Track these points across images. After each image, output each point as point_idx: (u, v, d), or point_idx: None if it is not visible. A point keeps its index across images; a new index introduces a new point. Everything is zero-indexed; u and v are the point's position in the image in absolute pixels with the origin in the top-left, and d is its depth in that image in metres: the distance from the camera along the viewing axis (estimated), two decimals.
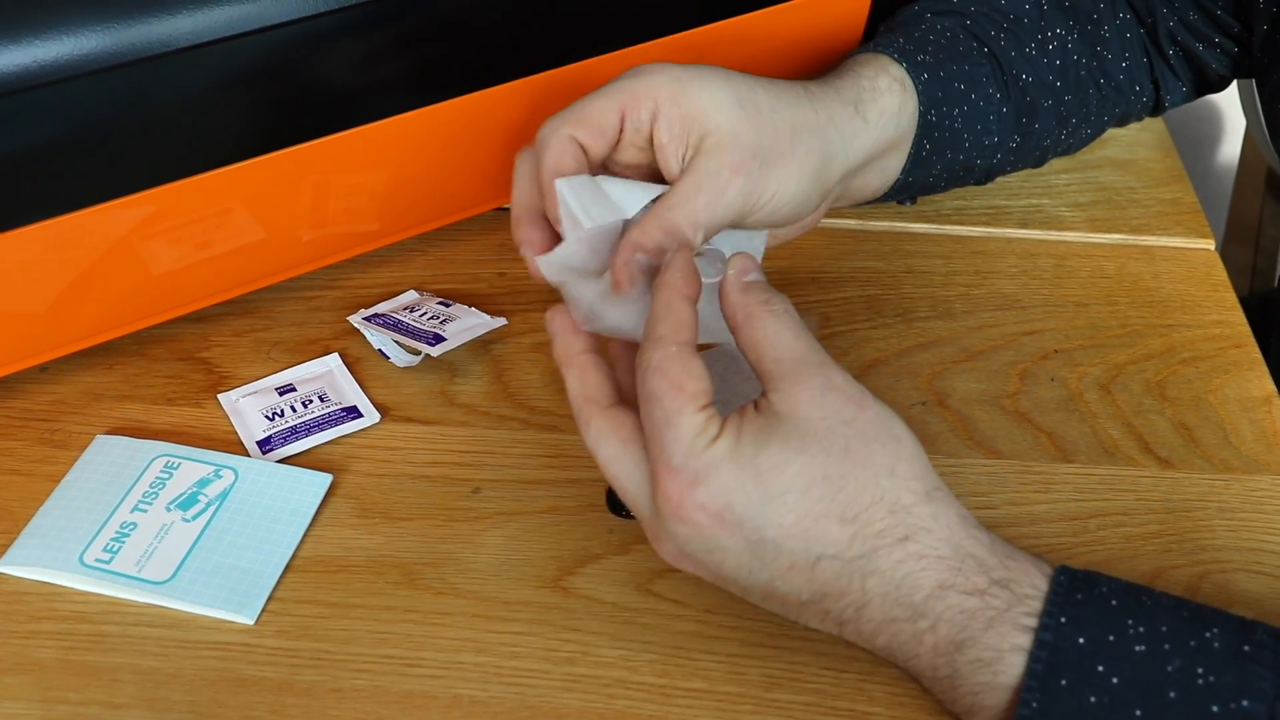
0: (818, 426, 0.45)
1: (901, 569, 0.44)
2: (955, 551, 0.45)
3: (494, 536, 0.57)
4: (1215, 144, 1.61)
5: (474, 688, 0.51)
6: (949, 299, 0.71)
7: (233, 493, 0.57)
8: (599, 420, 0.47)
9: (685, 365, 0.45)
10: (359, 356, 0.66)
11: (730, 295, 0.48)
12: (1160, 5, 0.70)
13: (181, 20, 0.53)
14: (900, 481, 0.45)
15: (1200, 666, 0.42)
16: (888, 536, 0.44)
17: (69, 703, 0.50)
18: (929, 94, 0.63)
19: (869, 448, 0.45)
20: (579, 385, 0.48)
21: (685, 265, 0.48)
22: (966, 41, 0.66)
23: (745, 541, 0.44)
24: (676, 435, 0.44)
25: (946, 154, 0.66)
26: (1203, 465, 0.61)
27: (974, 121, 0.66)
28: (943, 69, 0.64)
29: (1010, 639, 0.43)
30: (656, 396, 0.45)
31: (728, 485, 0.44)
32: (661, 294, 0.47)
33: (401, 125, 0.62)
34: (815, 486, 0.44)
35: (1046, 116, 0.69)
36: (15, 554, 0.55)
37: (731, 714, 0.50)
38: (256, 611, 0.53)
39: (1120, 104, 0.72)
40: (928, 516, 0.45)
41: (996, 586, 0.44)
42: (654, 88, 0.52)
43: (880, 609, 0.45)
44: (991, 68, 0.66)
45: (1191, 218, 0.77)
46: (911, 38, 0.65)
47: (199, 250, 0.62)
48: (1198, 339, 0.68)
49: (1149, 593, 0.45)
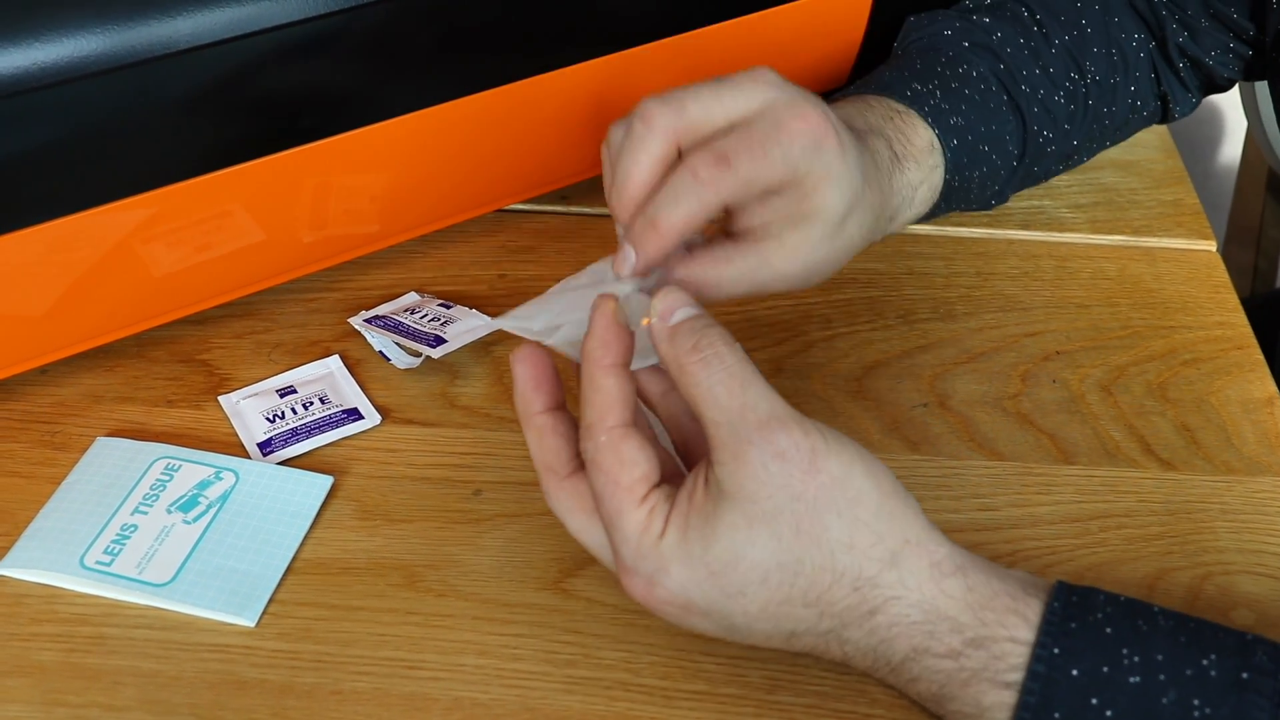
0: (764, 507, 0.42)
1: (874, 637, 0.43)
2: (926, 614, 0.43)
3: (495, 538, 0.57)
4: (1216, 145, 1.61)
5: (475, 690, 0.50)
6: (950, 300, 0.71)
7: (233, 495, 0.57)
8: (559, 493, 0.46)
9: (617, 454, 0.43)
10: (360, 358, 0.66)
11: (659, 348, 0.44)
12: (1170, 20, 0.70)
13: (182, 22, 0.53)
14: (859, 554, 0.43)
15: (1197, 698, 0.41)
16: (854, 612, 0.43)
17: (69, 705, 0.50)
18: (955, 160, 0.63)
19: (822, 522, 0.42)
20: (538, 450, 0.46)
21: (601, 330, 0.44)
22: (998, 96, 0.66)
23: (716, 625, 0.44)
24: (623, 537, 0.43)
25: (951, 205, 0.67)
26: (1204, 467, 0.61)
27: (988, 179, 0.67)
28: (971, 132, 0.64)
29: (990, 696, 0.42)
30: (599, 493, 0.44)
31: (683, 583, 0.43)
32: (584, 369, 0.44)
33: (402, 127, 0.62)
34: (771, 576, 0.42)
35: (1050, 161, 0.70)
36: (16, 556, 0.55)
37: (733, 716, 0.50)
38: (257, 614, 0.53)
39: (1121, 130, 0.73)
40: (895, 583, 0.43)
41: (970, 648, 0.43)
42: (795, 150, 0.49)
43: (862, 663, 0.45)
44: (1016, 123, 0.67)
45: (1193, 219, 0.77)
46: (949, 90, 0.64)
47: (199, 252, 0.62)
48: (1199, 340, 0.68)
49: (1146, 614, 0.43)
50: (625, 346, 0.45)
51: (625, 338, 0.45)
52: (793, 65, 0.76)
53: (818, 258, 0.52)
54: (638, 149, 0.48)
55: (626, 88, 0.67)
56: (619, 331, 0.45)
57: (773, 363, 0.66)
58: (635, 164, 0.48)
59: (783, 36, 0.73)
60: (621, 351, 0.44)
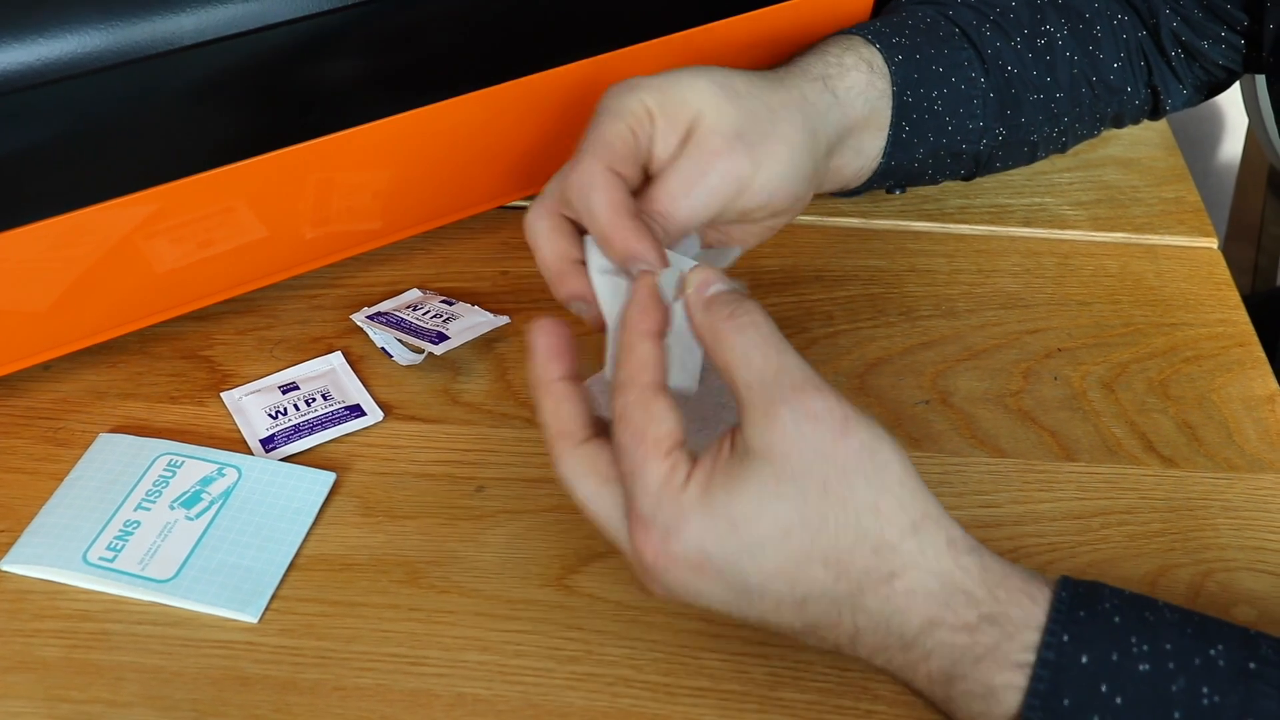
0: (793, 465, 0.42)
1: (889, 605, 0.43)
2: (943, 585, 0.43)
3: (497, 535, 0.57)
4: (1217, 143, 1.61)
5: (478, 686, 0.51)
6: (952, 297, 0.71)
7: (236, 491, 0.57)
8: (570, 459, 0.45)
9: (647, 410, 0.43)
10: (362, 355, 0.66)
11: (695, 317, 0.46)
12: (1162, 7, 0.70)
13: (184, 18, 0.53)
14: (884, 518, 0.43)
15: (1205, 685, 0.41)
16: (873, 575, 0.43)
17: (72, 701, 0.50)
18: (903, 75, 0.64)
19: (849, 483, 0.42)
20: (553, 416, 0.46)
21: (643, 298, 0.46)
22: (947, 28, 0.67)
23: (728, 588, 0.43)
24: (644, 487, 0.43)
25: (929, 137, 0.66)
26: (1206, 464, 0.61)
27: (955, 104, 0.66)
28: (919, 51, 0.65)
29: (1001, 676, 0.42)
30: (624, 448, 0.44)
31: (701, 536, 0.42)
32: (623, 334, 0.45)
33: (405, 123, 0.62)
34: (794, 532, 0.42)
35: (1033, 110, 0.69)
36: (19, 552, 0.55)
37: (735, 712, 0.50)
38: (260, 610, 0.53)
39: (1113, 104, 0.72)
40: (914, 551, 0.43)
41: (985, 623, 0.43)
42: (643, 97, 0.52)
43: (872, 639, 0.44)
44: (972, 53, 0.67)
45: (1194, 216, 0.77)
46: (889, 22, 0.66)
47: (202, 248, 0.62)
48: (1201, 337, 0.68)
49: (1152, 607, 0.44)
50: (663, 317, 0.46)
51: (663, 309, 0.46)
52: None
53: (790, 183, 0.55)
54: (534, 238, 0.51)
55: None
56: (659, 303, 0.46)
57: None
58: (538, 251, 0.51)
59: (784, 36, 0.73)
60: (659, 320, 0.45)
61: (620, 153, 0.51)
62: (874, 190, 0.69)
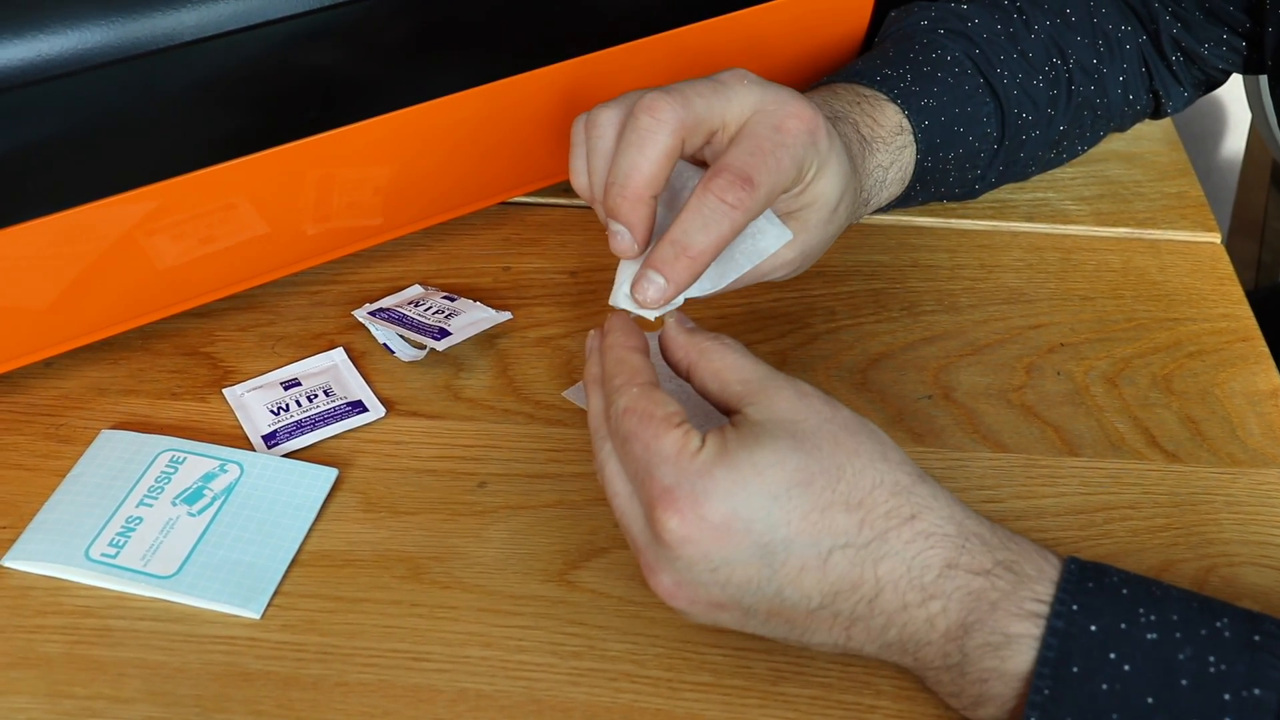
0: (802, 425, 0.45)
1: (912, 548, 0.44)
2: (959, 529, 0.45)
3: (500, 530, 0.57)
4: (1220, 138, 1.61)
5: (480, 681, 0.50)
6: (954, 292, 0.71)
7: (238, 487, 0.57)
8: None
9: (650, 398, 0.45)
10: (364, 351, 0.66)
11: (677, 339, 0.48)
12: (1163, 12, 0.70)
13: (185, 14, 0.53)
14: (894, 465, 0.45)
15: (1212, 655, 0.42)
16: (895, 516, 0.44)
17: (75, 697, 0.50)
18: (928, 141, 0.64)
19: (856, 438, 0.45)
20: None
21: (622, 323, 0.49)
22: (973, 79, 0.67)
23: (755, 546, 0.43)
24: (661, 457, 0.44)
25: (932, 190, 0.68)
26: (1209, 459, 0.61)
27: (965, 161, 0.67)
28: (944, 113, 0.65)
29: (1016, 624, 0.43)
30: (632, 434, 0.45)
31: (728, 490, 0.43)
32: (609, 355, 0.48)
33: (406, 119, 0.62)
34: (816, 479, 0.44)
35: (1034, 145, 0.70)
36: (21, 549, 0.55)
37: (738, 707, 0.50)
38: (262, 606, 0.53)
39: (1115, 119, 0.74)
40: (928, 495, 0.45)
41: (1000, 568, 0.44)
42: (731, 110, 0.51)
43: (893, 597, 0.44)
44: (993, 106, 0.67)
45: (1197, 211, 0.77)
46: (920, 74, 0.65)
47: (203, 245, 0.62)
48: (1204, 332, 0.68)
49: (1158, 584, 0.45)
50: (643, 339, 0.48)
51: (641, 333, 0.49)
52: (795, 62, 0.76)
53: (814, 243, 0.55)
54: (646, 142, 0.48)
55: (630, 80, 0.67)
56: (635, 328, 0.49)
57: (777, 355, 0.66)
58: (644, 158, 0.49)
59: (785, 32, 0.73)
60: (640, 341, 0.48)
61: (699, 126, 0.50)
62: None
